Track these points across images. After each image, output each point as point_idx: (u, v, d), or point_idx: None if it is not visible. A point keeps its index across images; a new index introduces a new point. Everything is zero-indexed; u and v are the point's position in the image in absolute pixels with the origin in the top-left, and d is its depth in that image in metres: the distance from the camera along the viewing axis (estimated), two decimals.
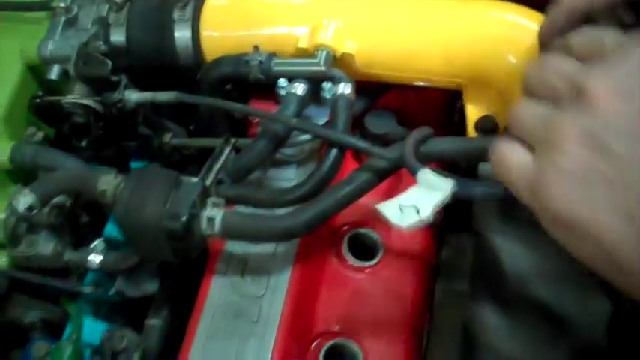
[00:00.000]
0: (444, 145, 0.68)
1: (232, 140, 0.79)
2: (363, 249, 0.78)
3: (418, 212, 0.56)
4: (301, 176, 0.77)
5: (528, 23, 0.75)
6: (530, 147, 0.48)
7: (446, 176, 0.60)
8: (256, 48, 0.81)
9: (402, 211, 0.57)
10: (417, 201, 0.57)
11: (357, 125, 0.84)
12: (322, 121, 0.82)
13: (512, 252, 0.73)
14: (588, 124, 0.42)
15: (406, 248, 0.78)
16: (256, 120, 0.88)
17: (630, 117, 0.41)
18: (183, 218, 0.67)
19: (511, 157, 0.49)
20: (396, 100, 0.87)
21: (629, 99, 0.42)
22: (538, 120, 0.47)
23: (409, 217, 0.56)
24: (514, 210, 0.73)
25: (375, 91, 0.86)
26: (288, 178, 0.81)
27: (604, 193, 0.42)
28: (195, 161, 0.90)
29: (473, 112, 0.80)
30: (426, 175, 0.60)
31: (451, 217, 0.83)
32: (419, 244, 0.79)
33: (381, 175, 0.71)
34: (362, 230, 0.78)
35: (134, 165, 0.92)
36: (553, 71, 0.48)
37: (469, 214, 0.77)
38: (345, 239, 0.78)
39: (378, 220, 0.78)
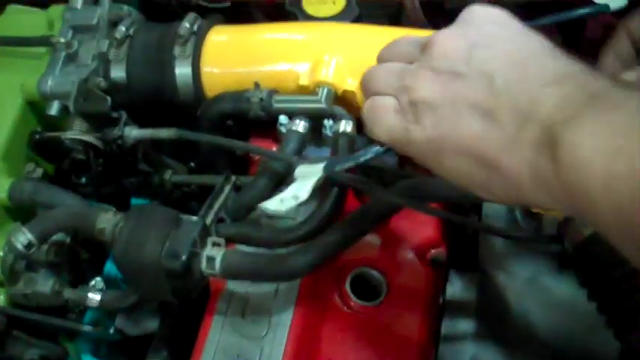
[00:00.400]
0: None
1: (233, 178, 0.78)
2: (367, 288, 0.77)
3: (297, 198, 0.63)
4: (303, 215, 0.76)
5: None
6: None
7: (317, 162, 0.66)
8: (257, 85, 0.81)
9: (282, 201, 0.64)
10: (296, 190, 0.64)
11: None
12: None
13: (517, 290, 0.72)
14: (436, 63, 0.51)
15: (410, 287, 0.77)
16: (257, 157, 0.88)
17: (463, 47, 0.50)
18: (183, 257, 0.67)
19: (378, 107, 0.55)
20: None
21: (461, 37, 0.51)
22: (392, 74, 0.55)
23: (288, 203, 0.64)
24: (519, 248, 0.73)
25: None
26: (290, 216, 0.80)
27: (463, 107, 0.48)
28: (195, 198, 0.90)
29: None
30: (300, 169, 0.67)
31: (456, 255, 0.82)
32: (423, 283, 0.77)
33: (384, 214, 0.70)
34: (365, 269, 0.77)
35: (134, 201, 0.91)
36: (406, 42, 0.57)
37: (475, 252, 0.76)
38: (348, 279, 0.76)
39: (381, 259, 0.78)
